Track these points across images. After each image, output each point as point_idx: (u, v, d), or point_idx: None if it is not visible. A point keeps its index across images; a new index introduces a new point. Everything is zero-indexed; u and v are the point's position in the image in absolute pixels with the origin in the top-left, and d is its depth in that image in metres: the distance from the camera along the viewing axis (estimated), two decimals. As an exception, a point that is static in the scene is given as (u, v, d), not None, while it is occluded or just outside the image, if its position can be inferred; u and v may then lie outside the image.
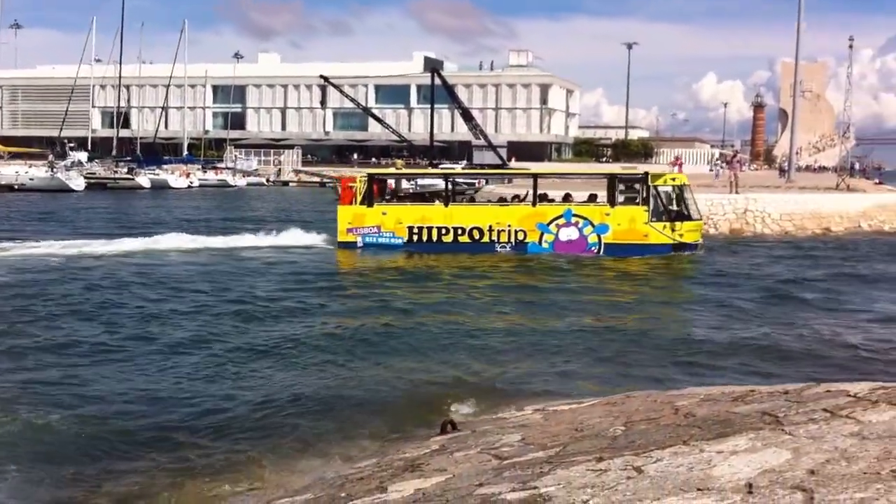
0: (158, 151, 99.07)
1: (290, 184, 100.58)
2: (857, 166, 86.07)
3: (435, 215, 30.37)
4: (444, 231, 30.00)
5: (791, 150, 57.36)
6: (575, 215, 29.54)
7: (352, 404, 11.39)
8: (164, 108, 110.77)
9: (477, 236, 29.77)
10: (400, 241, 30.18)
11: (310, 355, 14.29)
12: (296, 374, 13.09)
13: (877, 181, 68.32)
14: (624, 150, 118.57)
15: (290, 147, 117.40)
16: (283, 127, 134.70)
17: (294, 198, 75.19)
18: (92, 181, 75.86)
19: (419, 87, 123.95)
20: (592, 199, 31.26)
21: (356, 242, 30.41)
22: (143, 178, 79.95)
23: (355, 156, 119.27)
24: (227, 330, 16.39)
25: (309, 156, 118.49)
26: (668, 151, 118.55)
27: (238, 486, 8.47)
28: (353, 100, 51.10)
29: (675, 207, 29.76)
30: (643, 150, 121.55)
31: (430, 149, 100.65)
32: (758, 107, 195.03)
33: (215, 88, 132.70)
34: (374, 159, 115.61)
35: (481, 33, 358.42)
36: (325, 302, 19.87)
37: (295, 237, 33.40)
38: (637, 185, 29.93)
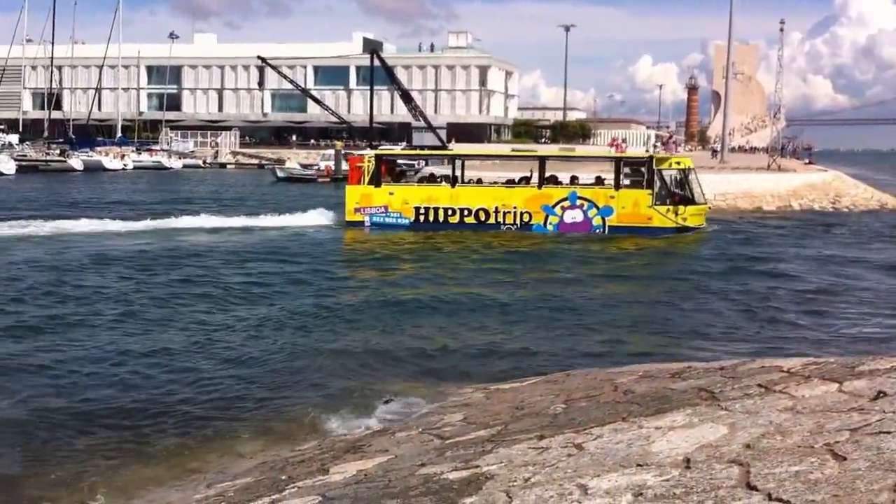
0: (92, 133, 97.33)
1: (228, 166, 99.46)
2: (787, 147, 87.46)
3: (441, 196, 30.69)
4: (450, 212, 30.39)
5: (724, 131, 58.07)
6: (580, 198, 29.93)
7: (294, 386, 11.35)
8: (98, 90, 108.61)
9: (483, 217, 30.18)
10: (407, 221, 30.55)
11: (249, 339, 14.20)
12: (237, 357, 12.99)
13: (806, 161, 69.55)
14: (563, 132, 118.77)
15: (228, 129, 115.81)
16: (220, 108, 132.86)
17: (232, 180, 74.39)
18: (23, 164, 74.21)
19: (358, 69, 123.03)
20: (599, 181, 31.44)
21: (364, 222, 30.73)
22: (76, 161, 78.41)
23: (294, 137, 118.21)
24: (182, 313, 16.28)
25: (247, 137, 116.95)
26: (606, 133, 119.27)
27: (178, 470, 8.40)
28: (291, 81, 50.70)
29: (678, 191, 30.11)
30: (581, 132, 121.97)
31: (369, 130, 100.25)
32: (692, 89, 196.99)
33: (150, 69, 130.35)
34: (312, 141, 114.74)
35: (421, 15, 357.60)
36: (273, 282, 19.81)
37: (298, 218, 33.68)
38: (641, 169, 30.24)
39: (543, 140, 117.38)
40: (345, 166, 73.32)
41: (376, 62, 44.06)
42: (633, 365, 8.74)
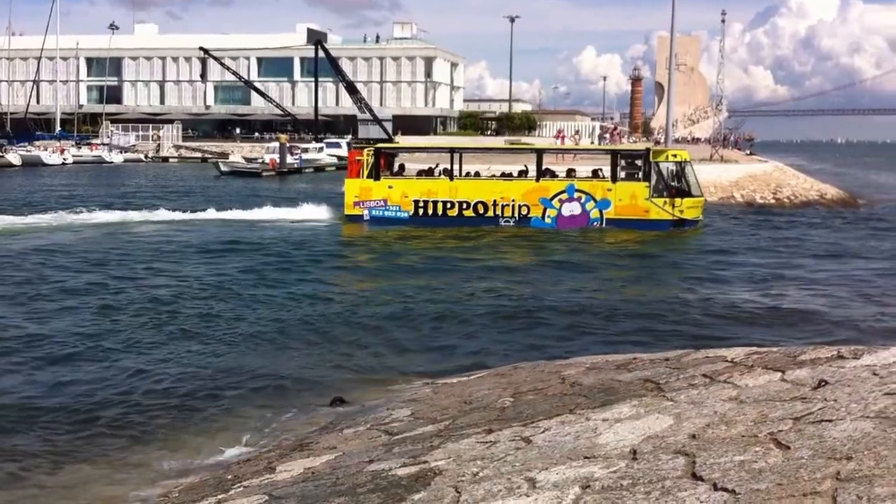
0: (30, 127, 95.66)
1: (171, 159, 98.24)
2: (729, 138, 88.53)
3: (440, 189, 30.65)
4: (449, 205, 30.38)
5: (667, 122, 58.42)
6: (577, 190, 29.94)
7: (243, 385, 11.25)
8: (35, 82, 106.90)
9: (481, 210, 30.18)
10: (406, 214, 30.53)
11: (199, 337, 14.07)
12: (185, 356, 12.85)
13: (748, 152, 70.46)
14: (508, 124, 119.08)
15: (170, 122, 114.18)
16: (162, 101, 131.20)
17: (175, 173, 73.43)
18: (-42, 159, 72.83)
19: (303, 60, 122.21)
20: (596, 174, 31.57)
21: (363, 216, 30.69)
22: (14, 156, 76.95)
23: (238, 130, 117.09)
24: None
25: (189, 130, 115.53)
26: (551, 124, 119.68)
27: (124, 469, 8.28)
28: (234, 73, 50.28)
29: (675, 184, 30.19)
30: (527, 124, 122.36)
31: (314, 123, 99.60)
32: (635, 80, 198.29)
33: (89, 61, 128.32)
34: (256, 134, 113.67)
35: (365, 5, 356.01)
36: (237, 279, 19.70)
37: (301, 212, 33.80)
38: (638, 162, 30.43)
39: (489, 132, 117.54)
40: (290, 159, 73.24)
41: (321, 53, 43.89)
42: (580, 357, 8.79)
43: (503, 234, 28.37)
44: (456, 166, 31.67)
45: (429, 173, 32.42)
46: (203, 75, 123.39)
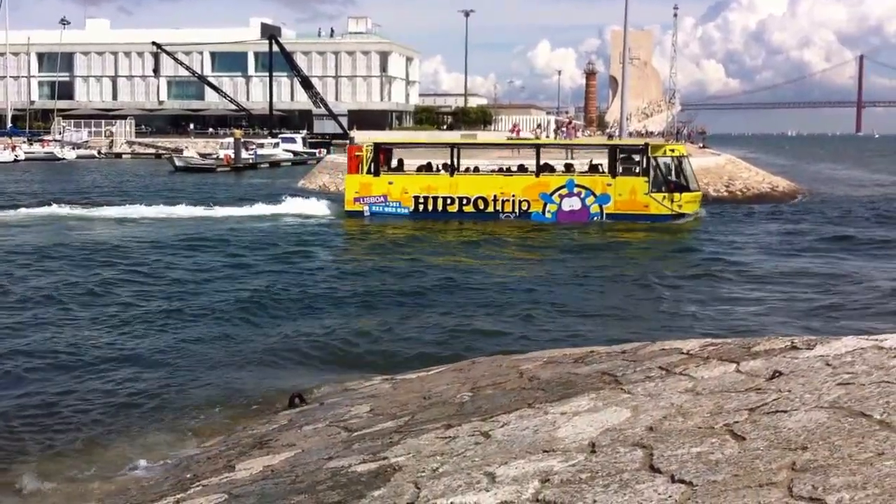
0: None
1: (124, 156, 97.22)
2: (683, 131, 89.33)
3: (441, 185, 30.66)
4: (449, 201, 30.44)
5: (622, 116, 58.85)
6: (577, 185, 30.10)
7: (202, 382, 11.18)
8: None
9: (482, 206, 30.28)
10: (406, 210, 30.57)
11: (161, 333, 13.97)
12: (146, 353, 12.75)
13: (700, 145, 71.00)
14: (464, 118, 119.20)
15: (123, 117, 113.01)
16: (115, 97, 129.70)
17: (129, 170, 72.74)
18: None
19: (257, 55, 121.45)
20: (594, 169, 31.75)
21: (363, 212, 30.68)
22: (-36, 153, 75.92)
23: (192, 126, 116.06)
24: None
25: (143, 126, 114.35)
26: (507, 118, 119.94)
27: (84, 468, 8.19)
28: (187, 68, 49.95)
29: (674, 178, 30.41)
30: (483, 118, 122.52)
31: (269, 118, 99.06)
32: (590, 74, 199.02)
33: (40, 56, 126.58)
34: (211, 129, 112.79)
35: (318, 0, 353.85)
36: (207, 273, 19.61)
37: (296, 206, 33.95)
38: (637, 157, 30.57)
39: (445, 127, 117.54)
40: (245, 155, 72.78)
41: (275, 48, 43.67)
42: (538, 351, 8.83)
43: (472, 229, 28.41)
44: (439, 162, 32.08)
45: (427, 169, 32.39)
46: (156, 70, 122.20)
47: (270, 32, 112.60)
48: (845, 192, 48.12)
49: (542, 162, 31.17)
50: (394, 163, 32.61)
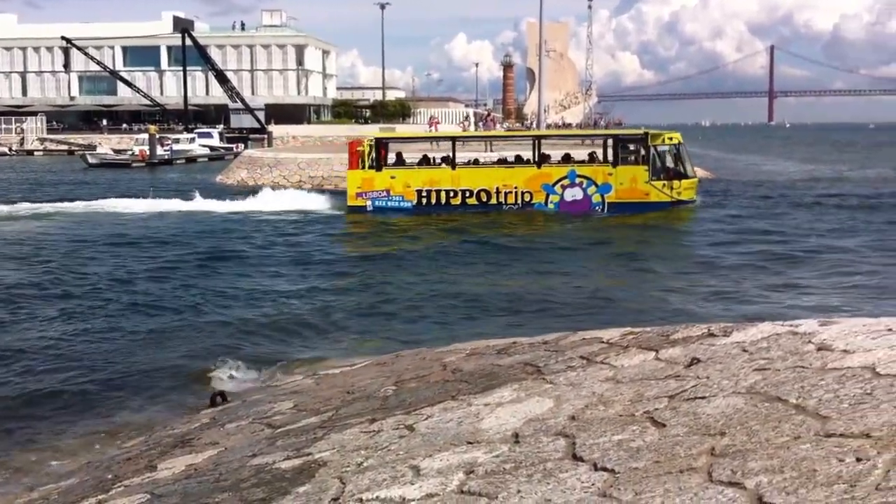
0: None
1: (36, 153, 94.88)
2: (600, 122, 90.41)
3: (443, 178, 30.69)
4: (452, 194, 30.46)
5: (539, 108, 59.34)
6: (579, 176, 30.29)
7: (122, 381, 10.99)
8: None
9: (484, 198, 30.32)
10: (409, 204, 30.54)
11: (80, 333, 13.70)
12: (66, 351, 12.48)
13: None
14: (382, 111, 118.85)
15: (33, 114, 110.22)
16: (24, 93, 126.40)
17: (43, 167, 71.07)
18: None
19: (170, 49, 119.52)
20: (592, 158, 32.08)
21: (366, 206, 30.58)
22: None
23: (105, 122, 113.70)
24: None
25: (54, 123, 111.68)
26: (425, 111, 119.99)
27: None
28: (99, 63, 48.98)
29: (672, 166, 30.78)
30: (401, 111, 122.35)
31: (184, 113, 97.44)
32: (507, 66, 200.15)
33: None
34: (125, 125, 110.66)
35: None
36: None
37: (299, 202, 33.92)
38: (637, 146, 30.86)
39: (363, 120, 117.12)
40: (160, 150, 71.63)
41: (188, 42, 42.97)
42: (461, 343, 8.86)
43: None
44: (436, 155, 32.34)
45: (425, 162, 32.44)
46: (66, 66, 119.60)
47: (183, 26, 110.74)
48: (758, 178, 49.38)
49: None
50: (391, 157, 32.55)
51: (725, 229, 26.62)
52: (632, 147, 31.32)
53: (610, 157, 31.38)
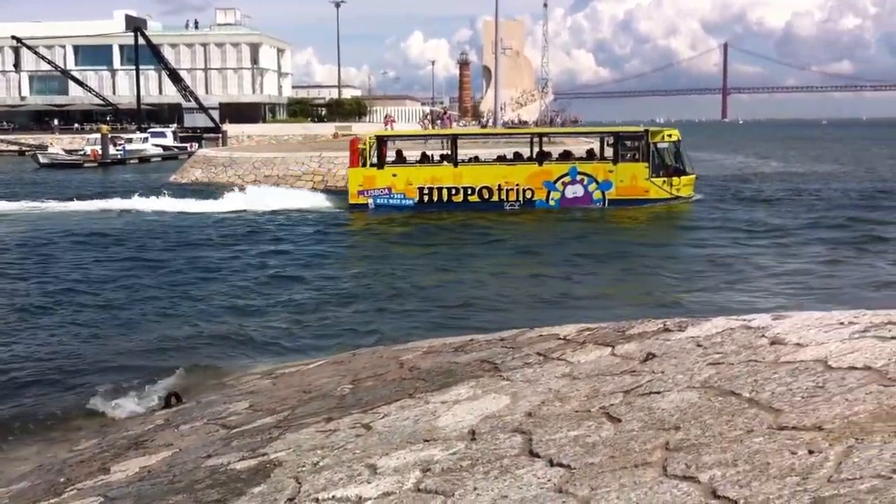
0: None
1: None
2: (556, 120, 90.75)
3: (445, 176, 30.74)
4: (454, 191, 30.59)
5: (496, 106, 59.50)
6: (580, 173, 30.54)
7: (76, 382, 10.85)
8: None
9: (486, 195, 30.49)
10: (411, 202, 30.61)
11: (28, 332, 13.52)
12: (12, 352, 12.31)
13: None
14: (338, 110, 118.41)
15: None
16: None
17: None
18: None
19: (122, 48, 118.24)
20: (591, 155, 32.44)
21: (367, 204, 30.56)
22: None
23: (56, 121, 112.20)
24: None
25: (5, 123, 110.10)
26: (381, 109, 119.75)
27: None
28: (50, 62, 48.34)
29: (671, 163, 31.11)
30: (357, 109, 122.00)
31: (137, 112, 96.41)
32: (463, 64, 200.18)
33: None
34: (77, 125, 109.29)
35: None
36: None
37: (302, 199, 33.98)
38: (637, 143, 31.08)
39: (319, 119, 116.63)
40: (113, 150, 70.83)
41: (141, 41, 42.52)
42: (418, 341, 8.84)
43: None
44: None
45: (424, 160, 32.46)
46: (17, 65, 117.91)
47: (135, 25, 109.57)
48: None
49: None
50: (391, 155, 32.50)
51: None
52: (632, 144, 31.62)
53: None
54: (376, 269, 19.28)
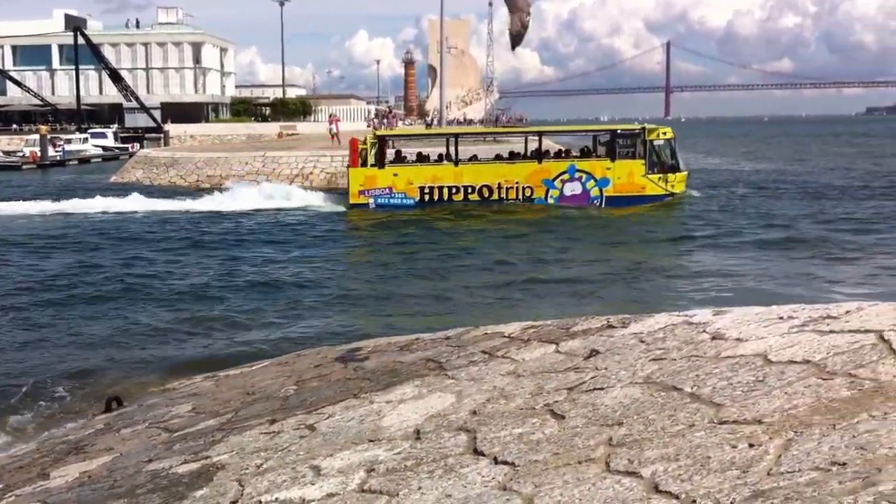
0: None
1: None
2: (501, 118, 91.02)
3: (445, 175, 30.80)
4: (454, 190, 30.68)
5: (441, 105, 59.53)
6: (578, 170, 30.82)
7: (13, 384, 10.65)
8: None
9: (486, 194, 30.64)
10: (412, 201, 30.60)
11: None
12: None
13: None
14: (283, 109, 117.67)
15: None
16: None
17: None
18: None
19: (62, 48, 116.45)
20: (585, 152, 32.74)
21: (368, 204, 30.49)
22: None
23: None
24: None
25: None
26: (326, 109, 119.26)
27: None
28: (-14, 62, 47.32)
29: (667, 160, 31.47)
30: (302, 109, 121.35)
31: (77, 113, 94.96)
32: (408, 63, 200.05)
33: None
34: (14, 126, 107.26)
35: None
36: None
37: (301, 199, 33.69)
38: (634, 140, 31.46)
39: (263, 118, 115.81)
40: (52, 151, 69.67)
41: (81, 40, 41.85)
42: (363, 341, 8.80)
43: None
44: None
45: (420, 159, 32.44)
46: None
47: (75, 24, 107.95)
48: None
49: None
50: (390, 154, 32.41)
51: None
52: (629, 142, 32.05)
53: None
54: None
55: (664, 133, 32.36)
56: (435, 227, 26.15)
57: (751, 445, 3.22)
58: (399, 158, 32.39)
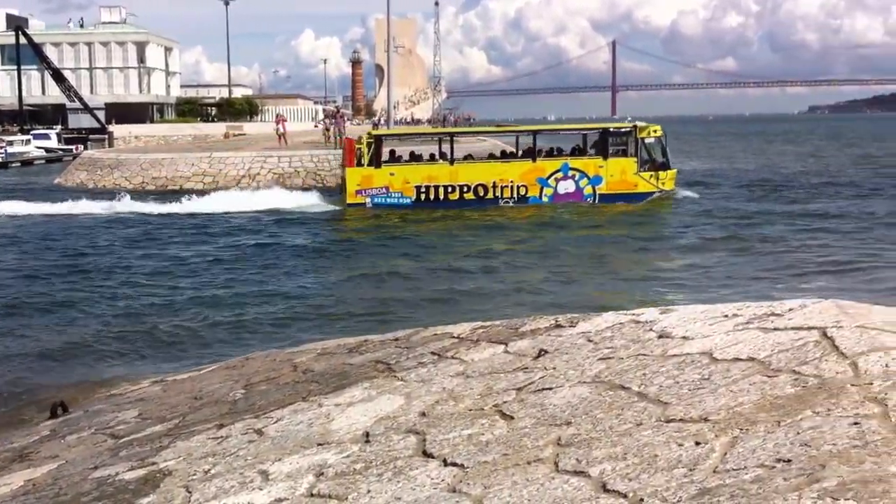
0: None
1: None
2: (449, 118, 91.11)
3: (441, 174, 30.89)
4: (450, 189, 30.81)
5: (389, 104, 59.48)
6: (572, 169, 31.13)
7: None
8: None
9: (482, 193, 30.85)
10: (408, 200, 30.63)
11: None
12: None
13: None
14: (229, 109, 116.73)
15: None
16: None
17: None
18: None
19: (3, 47, 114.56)
20: (578, 151, 32.87)
21: (365, 204, 30.46)
22: None
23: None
24: None
25: None
26: (273, 108, 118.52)
27: None
28: (-76, 62, 46.44)
29: (657, 158, 31.86)
30: (248, 109, 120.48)
31: (19, 114, 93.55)
32: (355, 63, 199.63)
33: None
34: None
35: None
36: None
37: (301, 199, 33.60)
38: (626, 139, 31.87)
39: (210, 119, 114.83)
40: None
41: (22, 40, 41.21)
42: (312, 343, 8.76)
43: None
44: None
45: (413, 158, 32.48)
46: None
47: (16, 23, 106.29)
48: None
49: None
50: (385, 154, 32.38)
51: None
52: (621, 140, 32.44)
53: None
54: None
55: (654, 131, 32.77)
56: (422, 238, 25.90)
57: (697, 443, 3.25)
58: (393, 158, 32.46)
